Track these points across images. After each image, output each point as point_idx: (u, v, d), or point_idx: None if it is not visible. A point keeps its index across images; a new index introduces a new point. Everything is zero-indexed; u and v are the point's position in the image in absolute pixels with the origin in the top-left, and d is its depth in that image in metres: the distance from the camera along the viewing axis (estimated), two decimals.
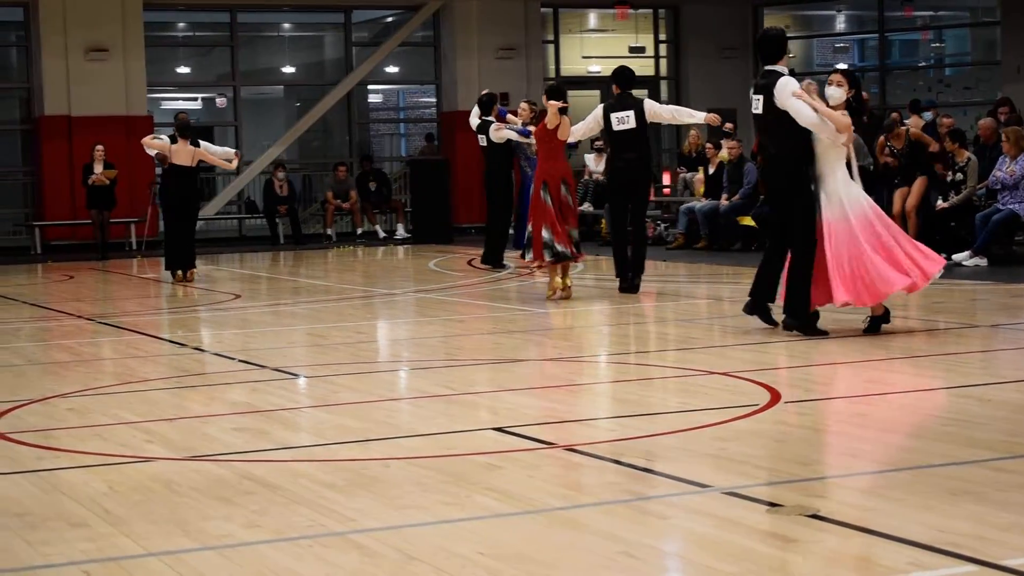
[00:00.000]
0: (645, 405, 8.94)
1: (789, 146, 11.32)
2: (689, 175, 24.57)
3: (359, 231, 27.41)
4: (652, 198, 24.45)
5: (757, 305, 11.60)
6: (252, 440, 7.87)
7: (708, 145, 23.29)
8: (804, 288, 11.24)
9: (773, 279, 11.51)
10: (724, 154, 22.20)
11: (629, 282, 15.08)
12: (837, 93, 11.28)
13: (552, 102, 14.81)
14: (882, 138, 19.26)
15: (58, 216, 26.12)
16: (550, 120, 14.86)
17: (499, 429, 7.91)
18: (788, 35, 12.43)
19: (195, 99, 34.70)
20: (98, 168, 24.60)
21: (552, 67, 30.62)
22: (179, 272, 18.89)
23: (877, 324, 11.35)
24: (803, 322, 11.28)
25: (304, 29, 33.13)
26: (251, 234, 28.65)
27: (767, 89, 11.35)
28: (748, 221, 21.00)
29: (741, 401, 8.55)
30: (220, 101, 32.73)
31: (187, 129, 18.79)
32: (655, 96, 30.78)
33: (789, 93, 11.19)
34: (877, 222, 11.19)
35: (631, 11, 30.01)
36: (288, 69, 33.33)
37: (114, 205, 24.77)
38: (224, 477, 6.88)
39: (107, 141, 24.91)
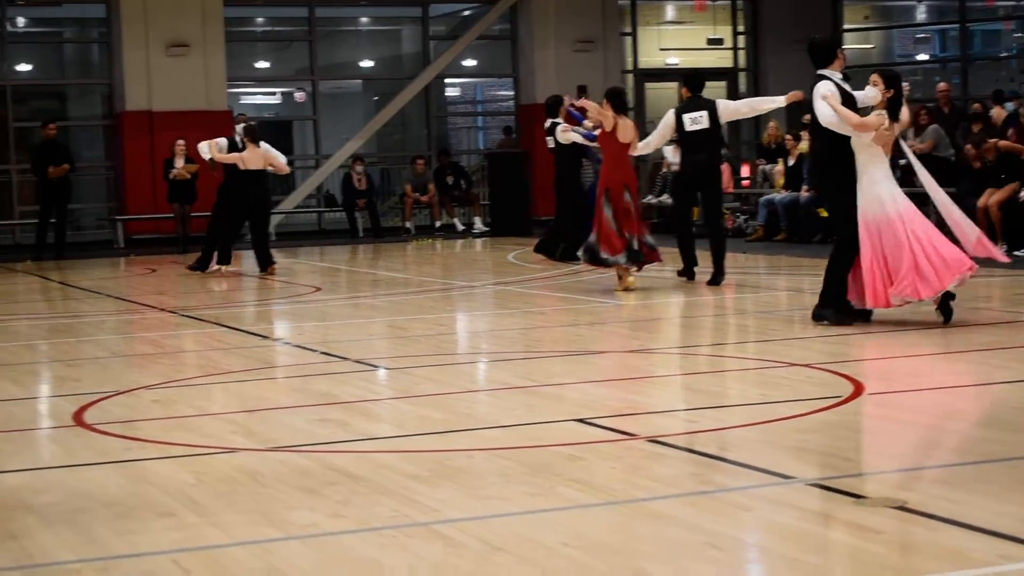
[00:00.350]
0: (725, 397, 8.91)
1: (826, 147, 11.61)
2: (768, 167, 24.45)
3: (437, 224, 27.50)
4: (731, 190, 24.38)
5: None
6: (335, 431, 7.91)
7: (787, 136, 23.18)
8: (837, 281, 11.47)
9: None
10: (803, 145, 22.08)
11: (714, 276, 15.09)
12: (872, 93, 11.52)
13: (607, 110, 14.92)
14: (972, 148, 19.06)
15: (140, 210, 26.37)
16: (607, 123, 14.89)
17: (581, 420, 7.91)
18: (868, 27, 12.59)
19: (274, 94, 34.93)
20: (179, 163, 24.79)
21: (630, 59, 30.56)
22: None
23: (947, 307, 11.30)
24: (832, 314, 11.46)
25: (382, 23, 33.24)
26: (330, 227, 28.80)
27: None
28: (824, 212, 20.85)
29: (823, 393, 8.51)
30: (299, 95, 32.91)
31: (255, 133, 18.79)
32: (733, 88, 30.68)
33: (818, 96, 11.49)
34: (900, 224, 11.19)
35: (709, 3, 29.91)
36: (366, 63, 33.46)
37: (195, 199, 24.95)
38: (308, 468, 6.92)
39: (188, 136, 25.10)
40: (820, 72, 11.72)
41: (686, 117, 15.27)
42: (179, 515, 6.01)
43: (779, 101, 15.18)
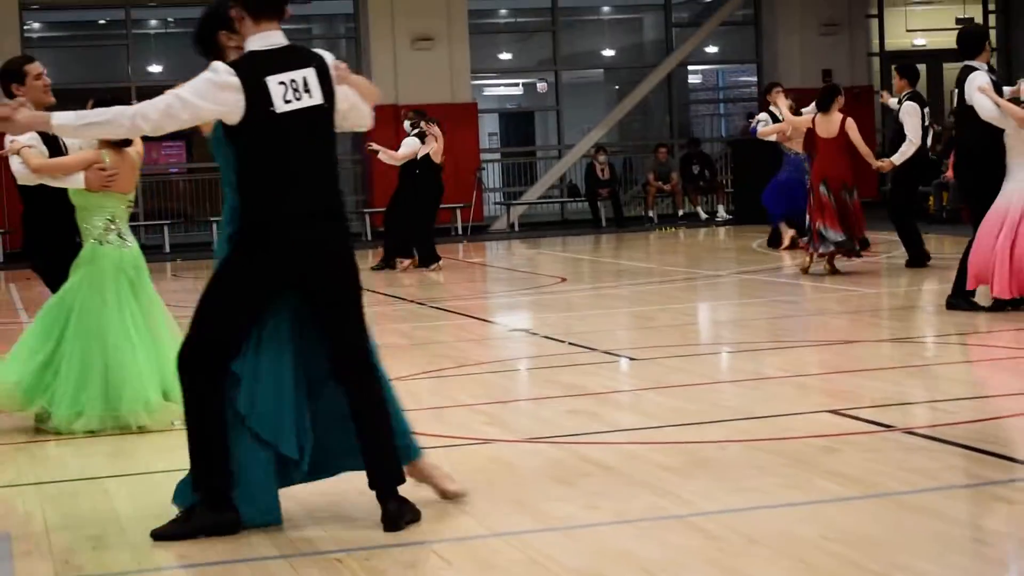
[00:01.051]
0: (986, 387, 8.70)
1: (977, 139, 11.63)
2: None
3: (680, 213, 27.38)
4: None
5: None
6: (587, 422, 7.92)
7: None
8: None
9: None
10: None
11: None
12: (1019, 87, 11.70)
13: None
14: None
15: (386, 203, 26.75)
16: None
17: (834, 411, 7.79)
18: None
19: (516, 84, 35.15)
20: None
21: (875, 42, 30.00)
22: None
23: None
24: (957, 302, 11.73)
25: (624, 12, 33.20)
26: (573, 217, 28.88)
27: (961, 83, 11.74)
28: None
29: None
30: (541, 86, 33.07)
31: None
32: None
33: (975, 88, 11.48)
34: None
35: None
36: (608, 52, 33.44)
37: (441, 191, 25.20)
38: (561, 459, 6.94)
39: None
40: (969, 63, 11.74)
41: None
42: (436, 506, 6.08)
43: None
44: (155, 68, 29.92)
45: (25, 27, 26.62)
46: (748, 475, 6.39)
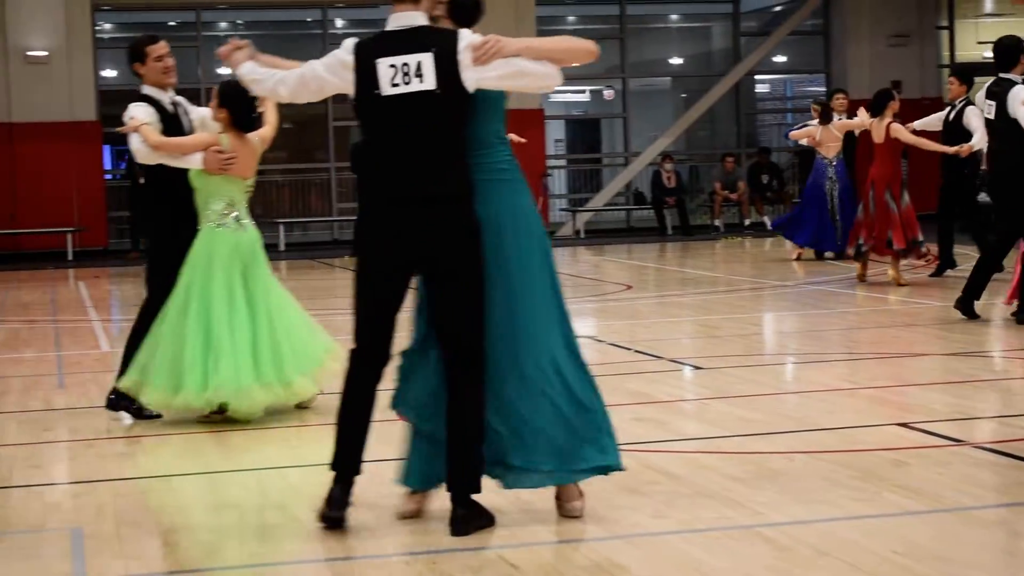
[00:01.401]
0: None
1: (1016, 152, 11.78)
2: None
3: (747, 222, 27.30)
4: None
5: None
6: (653, 430, 7.91)
7: None
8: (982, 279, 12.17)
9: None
10: None
11: None
12: None
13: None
14: None
15: None
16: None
17: (904, 425, 7.74)
18: None
19: (583, 91, 35.14)
20: None
21: (946, 53, 29.81)
22: None
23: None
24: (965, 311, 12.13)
25: (692, 20, 33.16)
26: (639, 225, 28.86)
27: (1000, 96, 11.83)
28: None
29: None
30: (608, 93, 33.04)
31: None
32: None
33: (1020, 102, 11.63)
34: None
35: None
36: (675, 60, 33.42)
37: None
38: (629, 467, 6.90)
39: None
40: (1004, 76, 11.91)
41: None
42: (509, 512, 6.08)
43: None
44: (225, 70, 30.13)
45: (97, 28, 26.89)
46: (816, 487, 6.36)
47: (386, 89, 5.75)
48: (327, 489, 5.84)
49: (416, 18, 5.84)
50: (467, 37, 5.80)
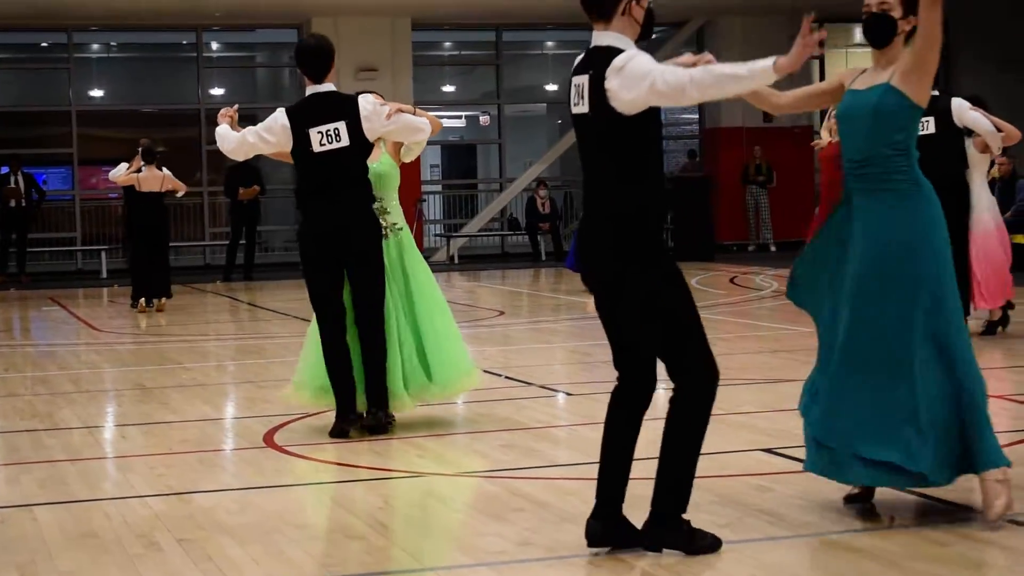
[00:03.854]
0: None
1: (957, 163, 12.23)
2: None
3: None
4: None
5: None
6: (522, 457, 7.92)
7: None
8: None
9: None
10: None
11: None
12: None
13: None
14: None
15: None
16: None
17: (769, 450, 7.83)
18: None
19: (459, 117, 35.22)
20: None
21: (816, 78, 30.24)
22: (142, 301, 18.10)
23: (993, 328, 12.73)
24: None
25: (568, 47, 33.31)
26: (513, 251, 28.95)
27: (939, 111, 11.74)
28: (1020, 239, 20.40)
29: (1019, 425, 8.32)
30: (483, 119, 33.16)
31: (151, 155, 17.84)
32: None
33: (967, 108, 11.81)
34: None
35: None
36: (551, 87, 33.58)
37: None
38: (495, 494, 6.94)
39: None
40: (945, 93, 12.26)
41: None
42: (369, 538, 6.07)
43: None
44: (97, 92, 29.79)
45: None
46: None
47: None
48: None
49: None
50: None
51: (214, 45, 30.15)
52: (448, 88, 33.43)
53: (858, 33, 31.14)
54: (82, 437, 9.00)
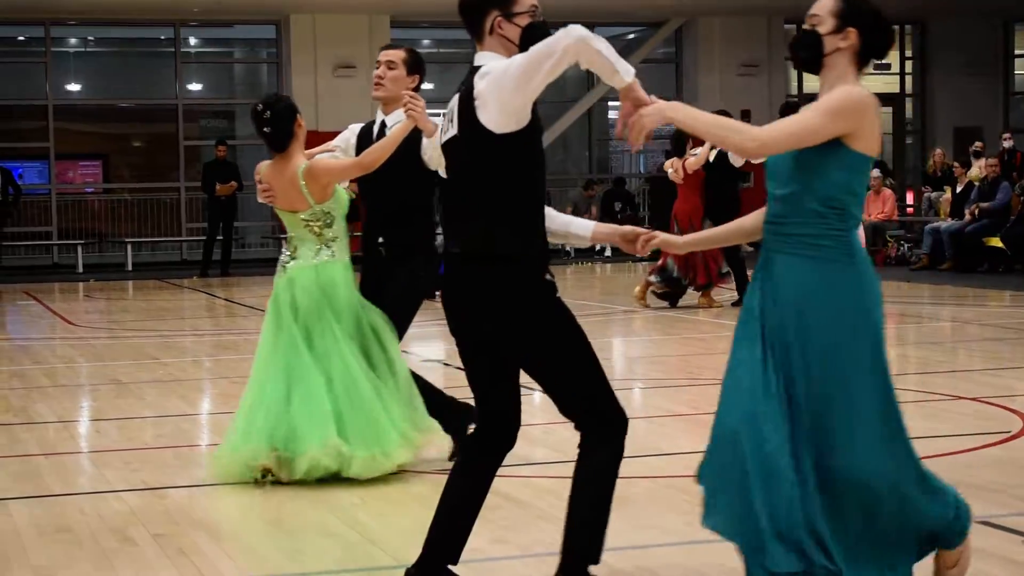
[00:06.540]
0: None
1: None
2: (934, 195, 24.12)
3: (597, 247, 27.52)
4: (894, 218, 24.08)
5: None
6: None
7: (955, 164, 22.85)
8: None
9: None
10: (975, 172, 21.77)
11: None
12: None
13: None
14: None
15: None
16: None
17: None
18: None
19: (438, 115, 35.12)
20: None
21: (794, 84, 30.33)
22: None
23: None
24: None
25: None
26: None
27: None
28: (996, 242, 20.52)
29: (991, 428, 8.36)
30: None
31: None
32: (900, 113, 30.32)
33: None
34: None
35: None
36: None
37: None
38: None
39: None
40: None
41: None
42: (343, 535, 6.09)
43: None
44: (74, 87, 29.72)
45: None
46: (653, 512, 6.44)
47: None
48: None
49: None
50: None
51: (192, 40, 30.10)
52: (427, 86, 33.34)
53: None
54: (57, 432, 9.00)
